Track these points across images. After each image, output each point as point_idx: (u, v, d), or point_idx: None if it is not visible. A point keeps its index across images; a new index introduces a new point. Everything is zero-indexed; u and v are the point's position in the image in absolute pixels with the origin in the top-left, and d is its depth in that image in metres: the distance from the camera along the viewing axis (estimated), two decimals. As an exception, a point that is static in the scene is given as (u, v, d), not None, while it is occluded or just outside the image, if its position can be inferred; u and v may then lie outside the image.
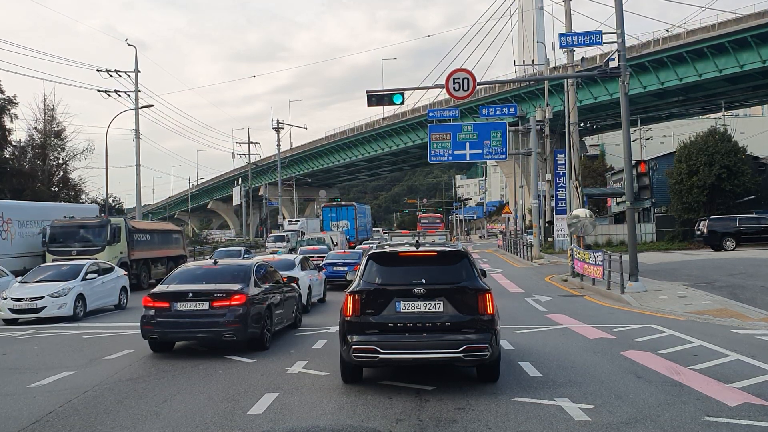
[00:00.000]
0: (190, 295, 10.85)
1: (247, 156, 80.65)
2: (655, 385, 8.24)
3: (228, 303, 10.75)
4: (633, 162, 21.39)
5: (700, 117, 74.25)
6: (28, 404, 7.92)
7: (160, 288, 11.29)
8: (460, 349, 7.76)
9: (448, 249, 8.74)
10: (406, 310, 7.95)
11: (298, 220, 67.30)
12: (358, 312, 8.01)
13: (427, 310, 7.94)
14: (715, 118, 65.89)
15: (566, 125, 28.84)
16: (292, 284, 14.34)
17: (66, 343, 12.96)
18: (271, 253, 37.69)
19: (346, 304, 8.13)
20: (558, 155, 40.39)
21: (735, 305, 15.80)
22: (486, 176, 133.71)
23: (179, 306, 10.79)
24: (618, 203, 58.65)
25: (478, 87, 20.03)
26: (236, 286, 11.04)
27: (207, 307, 10.77)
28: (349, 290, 8.21)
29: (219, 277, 11.62)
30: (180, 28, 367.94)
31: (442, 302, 7.95)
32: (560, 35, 21.35)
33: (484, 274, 9.07)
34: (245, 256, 29.52)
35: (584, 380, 8.56)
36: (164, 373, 9.60)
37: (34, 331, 14.88)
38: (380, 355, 7.80)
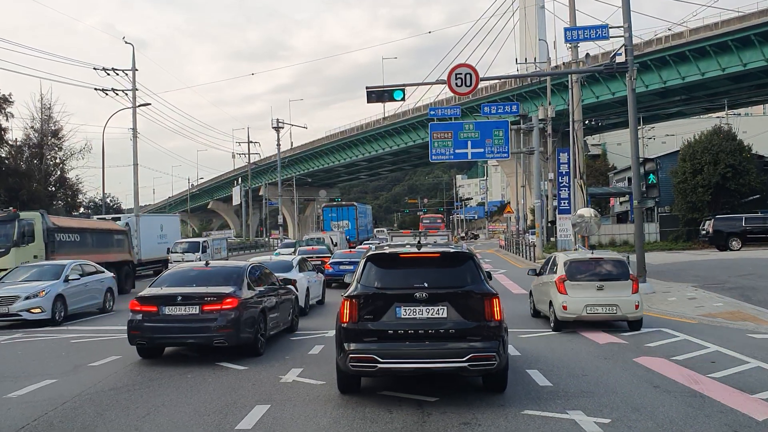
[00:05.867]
0: (179, 298, 10.30)
1: (247, 156, 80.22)
2: (674, 395, 7.70)
3: (219, 307, 10.20)
4: (640, 160, 20.82)
5: (702, 117, 73.65)
6: (1, 417, 7.37)
7: (148, 291, 10.76)
8: (465, 358, 7.21)
9: (452, 250, 8.19)
10: (407, 316, 7.40)
11: (119, 218, 33.04)
12: (356, 318, 7.46)
13: (429, 315, 7.39)
14: (718, 117, 65.32)
15: (570, 122, 28.30)
16: (288, 286, 13.81)
17: (52, 348, 12.43)
18: None
19: (342, 309, 7.58)
20: (560, 154, 39.81)
21: (747, 307, 15.26)
22: (487, 176, 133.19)
23: (168, 310, 10.25)
24: (621, 203, 58.13)
25: (479, 86, 19.50)
26: (228, 289, 10.50)
27: (197, 311, 10.22)
28: (346, 294, 7.66)
29: (211, 279, 11.08)
30: (178, 26, 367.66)
31: (445, 307, 7.40)
32: (565, 29, 20.83)
33: (489, 276, 8.52)
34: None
35: (597, 390, 8.02)
36: (151, 381, 9.05)
37: (21, 335, 14.32)
38: (379, 365, 7.25)
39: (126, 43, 41.78)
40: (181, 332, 10.24)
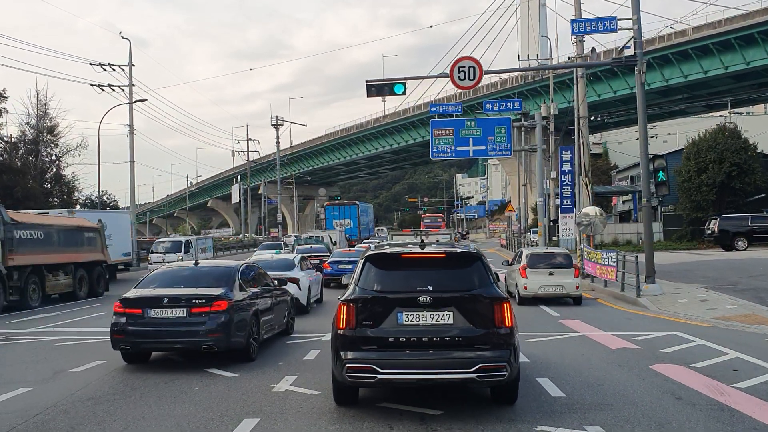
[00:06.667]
0: (166, 300, 9.65)
1: (246, 154, 79.53)
2: (699, 409, 7.07)
3: (208, 309, 9.56)
4: (650, 156, 20.19)
5: (703, 116, 72.95)
6: (-34, 431, 6.75)
7: (132, 292, 10.11)
8: (473, 369, 6.57)
9: (458, 250, 7.56)
10: (409, 322, 6.76)
11: (47, 212, 29.14)
12: (353, 324, 6.82)
13: (434, 322, 6.75)
14: (720, 116, 64.66)
15: (575, 118, 27.64)
16: (284, 287, 13.22)
17: (34, 351, 11.79)
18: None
19: (339, 314, 6.93)
20: (563, 152, 39.14)
21: (763, 310, 14.64)
22: (487, 175, 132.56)
23: (153, 313, 9.61)
24: (624, 202, 57.50)
25: (480, 83, 18.88)
26: (218, 291, 9.85)
27: (185, 314, 9.58)
28: (343, 298, 7.01)
29: (200, 280, 10.44)
30: (178, 25, 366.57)
31: (451, 313, 6.77)
32: (572, 21, 20.16)
33: (497, 278, 7.89)
34: None
35: (615, 402, 7.39)
36: (133, 390, 8.41)
37: (4, 336, 13.70)
38: (379, 376, 6.61)
39: (123, 38, 41.23)
40: (168, 336, 9.60)
